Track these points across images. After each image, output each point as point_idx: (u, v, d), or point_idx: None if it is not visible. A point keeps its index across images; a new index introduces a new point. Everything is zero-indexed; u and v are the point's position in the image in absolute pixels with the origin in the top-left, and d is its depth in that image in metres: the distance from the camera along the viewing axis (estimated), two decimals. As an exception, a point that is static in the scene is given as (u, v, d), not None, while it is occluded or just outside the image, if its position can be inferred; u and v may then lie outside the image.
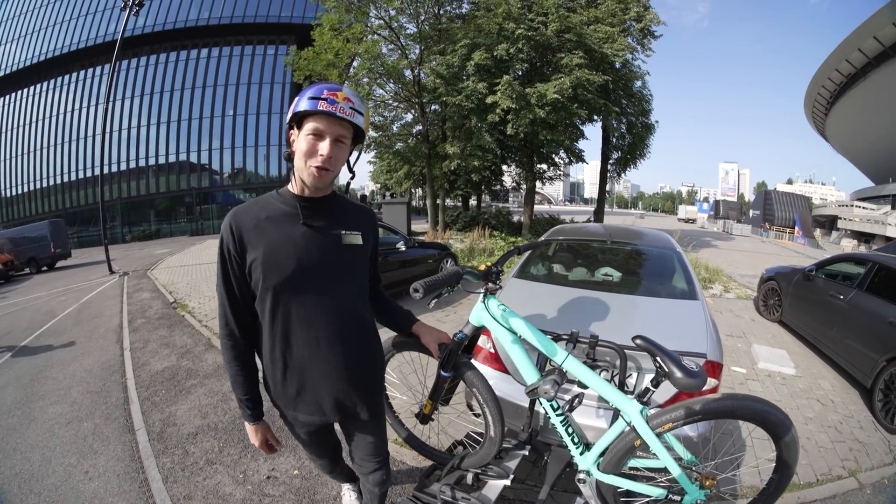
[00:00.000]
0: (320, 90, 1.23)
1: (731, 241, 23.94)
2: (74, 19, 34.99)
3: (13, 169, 37.12)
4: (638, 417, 1.52)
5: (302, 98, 1.24)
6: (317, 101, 1.21)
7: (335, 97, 1.23)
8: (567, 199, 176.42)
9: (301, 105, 1.23)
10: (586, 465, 1.72)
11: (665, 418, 1.49)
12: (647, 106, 15.64)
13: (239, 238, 1.28)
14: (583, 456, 1.73)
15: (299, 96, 1.26)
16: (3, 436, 3.53)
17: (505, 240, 12.91)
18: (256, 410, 1.44)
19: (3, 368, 5.20)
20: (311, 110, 1.22)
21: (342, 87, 1.27)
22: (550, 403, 1.75)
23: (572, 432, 1.76)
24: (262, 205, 1.35)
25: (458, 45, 12.49)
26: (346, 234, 1.40)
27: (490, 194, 28.12)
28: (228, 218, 1.32)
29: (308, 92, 1.24)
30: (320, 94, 1.22)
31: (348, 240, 1.40)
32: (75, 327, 6.75)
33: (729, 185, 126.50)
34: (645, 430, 1.50)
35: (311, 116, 1.24)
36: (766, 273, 6.45)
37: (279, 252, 1.29)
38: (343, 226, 1.41)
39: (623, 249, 3.76)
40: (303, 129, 1.25)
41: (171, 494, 2.55)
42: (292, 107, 1.27)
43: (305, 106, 1.22)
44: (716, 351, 2.16)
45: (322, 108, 1.21)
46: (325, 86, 1.25)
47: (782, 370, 4.22)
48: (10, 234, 18.25)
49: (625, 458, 1.61)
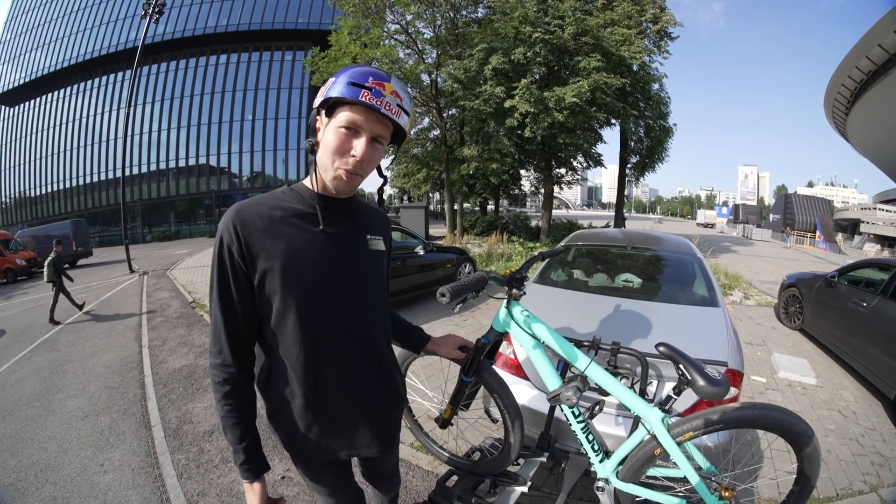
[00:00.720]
0: (364, 75, 0.98)
1: (750, 247, 23.46)
2: (97, 27, 36.26)
3: (38, 170, 38.50)
4: (659, 425, 1.49)
5: (339, 80, 0.99)
6: (358, 90, 0.97)
7: (382, 88, 0.99)
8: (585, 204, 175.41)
9: (336, 89, 0.98)
10: (605, 473, 1.69)
11: (686, 427, 1.46)
12: (664, 109, 15.49)
13: (245, 242, 1.00)
14: (602, 464, 1.71)
15: (335, 77, 1.01)
16: (22, 425, 3.62)
17: (523, 245, 12.83)
18: (258, 462, 1.07)
19: (23, 361, 5.36)
20: (349, 98, 0.97)
21: (390, 77, 1.03)
22: (571, 410, 1.73)
23: (592, 439, 1.73)
24: (273, 202, 1.08)
25: (476, 50, 12.52)
26: (371, 238, 1.19)
27: (508, 198, 28.07)
28: (230, 217, 1.02)
29: (347, 74, 0.99)
30: (363, 81, 0.97)
31: (374, 245, 1.20)
32: (95, 324, 6.92)
33: (748, 189, 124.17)
34: (666, 439, 1.47)
35: (347, 106, 0.98)
36: (787, 279, 6.29)
37: (302, 260, 1.04)
38: (366, 229, 1.19)
39: (643, 255, 3.72)
40: (334, 119, 1.00)
41: (186, 491, 2.57)
42: (325, 88, 1.01)
43: (343, 92, 0.97)
44: (737, 359, 2.12)
45: (364, 100, 0.97)
46: (371, 71, 1.00)
47: (803, 380, 4.11)
48: (34, 233, 18.87)
49: (644, 466, 1.58)
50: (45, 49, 38.13)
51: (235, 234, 1.00)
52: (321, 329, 1.07)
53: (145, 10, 13.88)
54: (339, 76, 1.00)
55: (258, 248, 1.01)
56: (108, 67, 35.97)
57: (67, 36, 37.25)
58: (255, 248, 1.01)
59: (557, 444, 2.06)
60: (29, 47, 39.19)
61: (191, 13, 34.75)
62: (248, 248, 1.01)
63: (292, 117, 35.59)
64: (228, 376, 1.04)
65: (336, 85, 0.98)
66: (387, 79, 1.01)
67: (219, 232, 1.03)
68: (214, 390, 1.05)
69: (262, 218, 1.03)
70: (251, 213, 1.04)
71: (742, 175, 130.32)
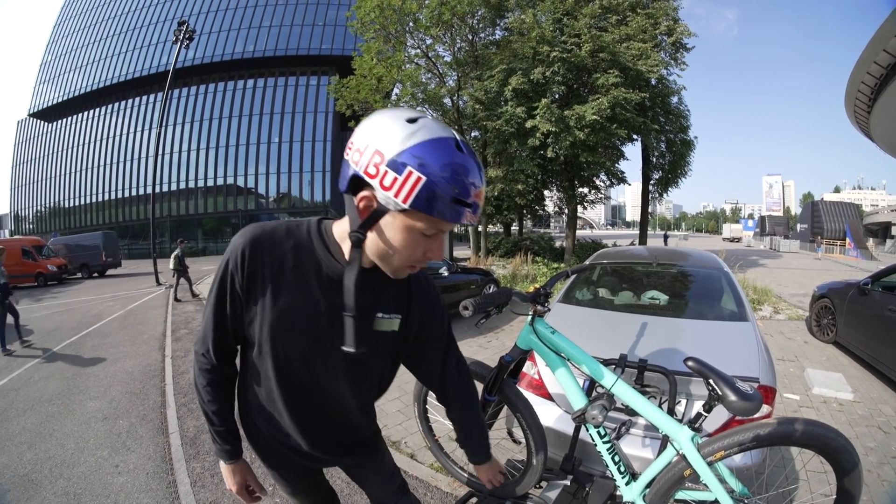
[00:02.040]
0: (466, 187, 0.80)
1: (779, 259, 22.75)
2: (131, 51, 38.56)
3: (72, 182, 40.74)
4: (689, 445, 1.43)
5: (438, 185, 0.78)
6: (461, 211, 0.81)
7: (479, 199, 0.84)
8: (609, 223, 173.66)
9: (442, 210, 0.79)
10: (632, 496, 1.62)
11: (717, 446, 1.38)
12: (684, 122, 15.33)
13: (250, 276, 0.93)
14: (629, 486, 1.64)
15: (430, 179, 0.77)
16: (41, 421, 3.73)
17: (547, 266, 12.75)
18: (235, 446, 1.12)
19: (48, 361, 5.56)
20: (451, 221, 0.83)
21: (482, 178, 0.85)
22: (597, 430, 1.68)
23: (619, 461, 1.67)
24: (297, 243, 0.96)
25: (495, 71, 12.67)
26: (381, 318, 1.02)
27: (532, 219, 28.03)
28: (244, 243, 0.93)
29: (447, 179, 0.78)
30: (466, 197, 0.80)
31: (382, 325, 1.03)
32: (120, 331, 7.09)
33: (774, 199, 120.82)
34: (696, 459, 1.40)
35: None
36: (818, 290, 6.03)
37: (297, 323, 0.96)
38: (381, 305, 1.03)
39: (669, 271, 3.67)
40: (409, 219, 0.83)
41: (198, 499, 2.57)
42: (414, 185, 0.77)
43: (450, 215, 0.80)
44: (769, 375, 2.06)
45: (465, 221, 0.83)
46: (473, 170, 0.82)
47: (839, 395, 3.90)
48: (66, 241, 19.74)
49: (673, 488, 1.51)
50: (82, 70, 40.68)
51: (241, 265, 0.92)
52: (292, 386, 1.02)
53: (176, 37, 14.64)
54: (428, 181, 0.77)
55: (258, 289, 0.94)
56: (141, 89, 38.04)
57: (103, 59, 39.65)
58: (255, 288, 0.94)
59: (581, 467, 2.00)
60: (67, 68, 41.87)
61: (219, 39, 36.59)
62: (249, 283, 0.94)
63: (317, 140, 36.74)
64: (212, 367, 1.05)
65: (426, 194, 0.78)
66: (480, 178, 0.84)
67: (230, 250, 0.95)
68: (198, 375, 1.06)
69: (275, 257, 0.94)
70: (268, 247, 0.94)
71: (766, 185, 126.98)
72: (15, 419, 3.77)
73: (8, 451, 3.20)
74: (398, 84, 14.51)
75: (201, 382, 1.06)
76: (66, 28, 44.08)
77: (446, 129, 0.83)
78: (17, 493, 2.68)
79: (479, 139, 15.16)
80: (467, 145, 0.84)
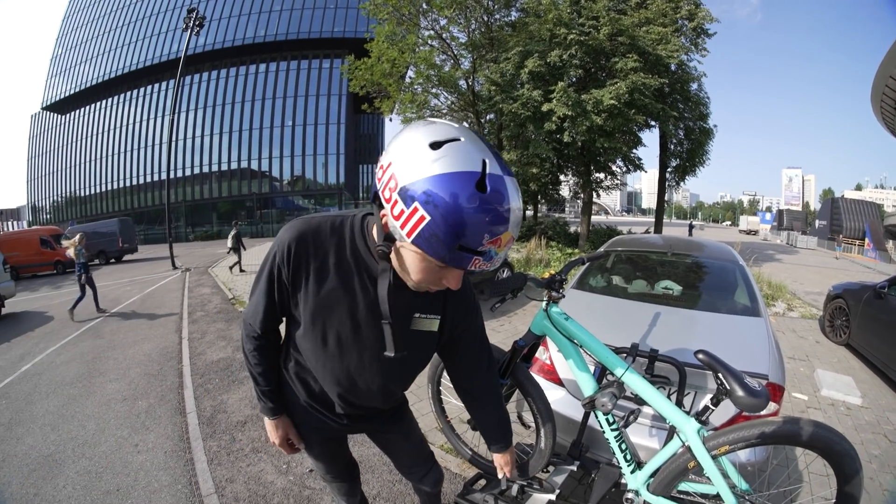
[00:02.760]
0: (477, 235, 0.74)
1: (795, 255, 22.27)
2: (142, 40, 38.76)
3: (87, 171, 41.36)
4: (695, 437, 1.43)
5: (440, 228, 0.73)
6: (466, 258, 0.76)
7: (496, 246, 0.77)
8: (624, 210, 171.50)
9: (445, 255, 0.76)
10: (636, 484, 1.64)
11: (722, 440, 1.39)
12: (704, 109, 14.91)
13: (295, 270, 0.99)
14: (633, 475, 1.66)
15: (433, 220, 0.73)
16: (64, 403, 3.84)
17: (562, 251, 12.66)
18: (278, 404, 1.25)
19: (69, 345, 5.69)
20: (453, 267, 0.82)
21: (509, 216, 0.77)
22: (606, 417, 1.70)
23: (625, 449, 1.69)
24: (340, 240, 1.00)
25: (511, 53, 12.43)
26: (419, 317, 1.07)
27: (547, 203, 27.79)
28: (292, 237, 0.98)
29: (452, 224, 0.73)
30: (476, 245, 0.75)
31: (420, 325, 1.08)
32: (138, 315, 7.23)
33: (793, 193, 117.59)
34: (701, 452, 1.41)
35: None
36: (833, 290, 5.85)
37: (336, 313, 1.01)
38: (419, 306, 1.06)
39: (683, 262, 3.64)
40: (406, 250, 0.85)
41: (214, 476, 2.62)
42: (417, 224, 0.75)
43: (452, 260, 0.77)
44: (778, 373, 2.05)
45: (473, 269, 0.79)
46: (490, 215, 0.74)
47: (847, 399, 3.81)
48: (83, 229, 20.02)
49: (677, 480, 1.53)
50: (92, 62, 41.08)
51: (287, 259, 0.99)
52: (329, 365, 1.10)
53: (186, 24, 14.60)
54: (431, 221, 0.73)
55: (303, 281, 1.01)
56: (153, 77, 38.29)
57: (113, 49, 39.96)
58: (300, 280, 1.01)
59: (589, 454, 2.01)
60: (77, 61, 42.31)
61: (230, 25, 36.56)
62: (294, 276, 1.01)
63: (331, 123, 36.88)
64: (258, 336, 1.16)
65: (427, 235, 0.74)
66: (504, 222, 0.76)
67: (277, 243, 1.01)
68: (245, 342, 1.18)
69: (319, 255, 0.99)
70: (313, 244, 0.99)
71: (786, 179, 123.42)
72: (39, 402, 3.87)
73: (33, 433, 3.29)
74: (412, 67, 14.32)
75: (249, 348, 1.18)
76: (74, 21, 44.42)
77: (474, 159, 0.74)
78: (42, 473, 2.76)
79: (494, 122, 14.96)
80: (499, 179, 0.75)
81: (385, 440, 1.49)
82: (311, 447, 1.36)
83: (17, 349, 5.67)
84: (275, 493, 2.43)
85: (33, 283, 13.17)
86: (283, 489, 2.45)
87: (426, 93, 14.98)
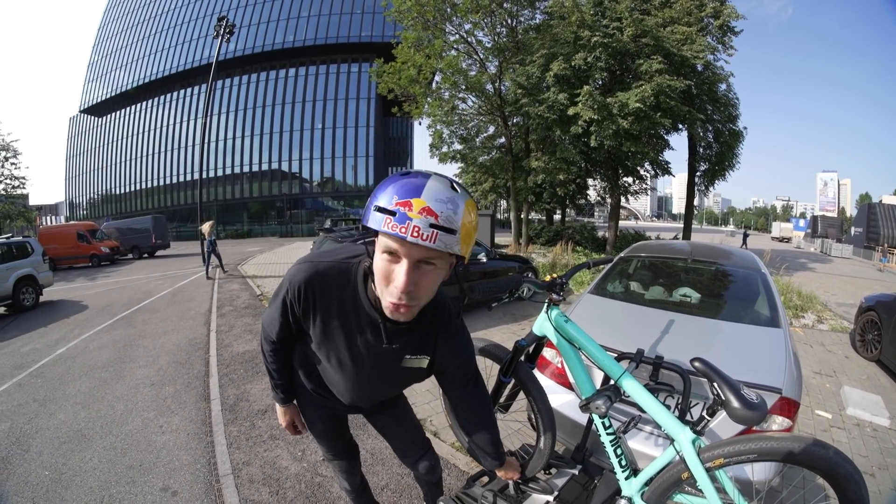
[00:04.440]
0: (390, 195, 0.88)
1: (829, 264, 21.24)
2: (174, 46, 40.29)
3: (122, 171, 43.23)
4: (689, 447, 1.39)
5: (374, 198, 0.91)
6: (382, 217, 0.87)
7: (408, 209, 0.86)
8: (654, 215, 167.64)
9: (369, 217, 0.89)
10: (630, 491, 1.62)
11: (716, 452, 1.33)
12: (733, 111, 14.44)
13: (304, 308, 1.15)
14: (628, 481, 1.64)
15: (376, 190, 0.92)
16: (95, 385, 4.07)
17: (588, 256, 12.55)
18: (288, 394, 1.49)
19: (102, 333, 5.97)
20: (372, 228, 0.90)
21: (422, 190, 0.88)
22: (602, 421, 1.68)
23: (621, 454, 1.67)
24: (343, 287, 1.13)
25: (536, 56, 12.41)
26: (409, 358, 1.23)
27: (575, 208, 27.55)
28: (302, 280, 1.12)
29: (380, 191, 0.90)
30: (388, 204, 0.87)
31: (411, 363, 1.24)
32: (169, 307, 7.51)
33: (828, 199, 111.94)
34: (694, 462, 1.36)
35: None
36: (866, 302, 5.46)
37: (338, 345, 1.19)
38: (411, 348, 1.22)
39: (705, 269, 3.55)
40: (378, 241, 0.94)
41: (232, 459, 2.76)
42: (368, 203, 0.93)
43: (368, 220, 0.89)
44: (794, 388, 1.96)
45: (387, 229, 0.86)
46: (399, 184, 0.89)
47: (874, 419, 3.55)
48: (118, 225, 21.03)
49: (670, 490, 1.48)
50: (127, 68, 42.92)
51: (297, 299, 1.14)
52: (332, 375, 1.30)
53: (217, 31, 15.06)
54: (377, 192, 0.91)
55: (310, 316, 1.17)
56: (185, 82, 39.69)
57: (147, 56, 41.67)
58: (308, 315, 1.17)
59: (593, 459, 2.00)
60: (113, 67, 44.28)
61: (259, 31, 37.57)
62: (304, 312, 1.16)
63: (360, 126, 37.45)
64: (273, 341, 1.33)
65: (370, 209, 0.90)
66: (416, 193, 0.87)
67: (287, 282, 1.16)
68: (263, 343, 1.38)
69: (324, 298, 1.14)
70: (319, 289, 1.14)
71: (821, 183, 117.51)
72: (72, 383, 4.11)
73: (65, 410, 3.51)
74: (439, 72, 14.44)
75: (266, 349, 1.37)
76: (110, 30, 46.51)
77: (421, 178, 0.92)
78: (71, 446, 2.96)
79: (521, 125, 14.95)
80: (429, 175, 0.92)
81: (381, 423, 1.65)
82: (314, 426, 1.56)
83: (53, 334, 6.00)
84: (287, 478, 2.53)
85: (70, 274, 13.83)
86: (297, 475, 2.55)
87: (454, 97, 15.08)
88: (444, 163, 17.00)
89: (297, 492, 2.41)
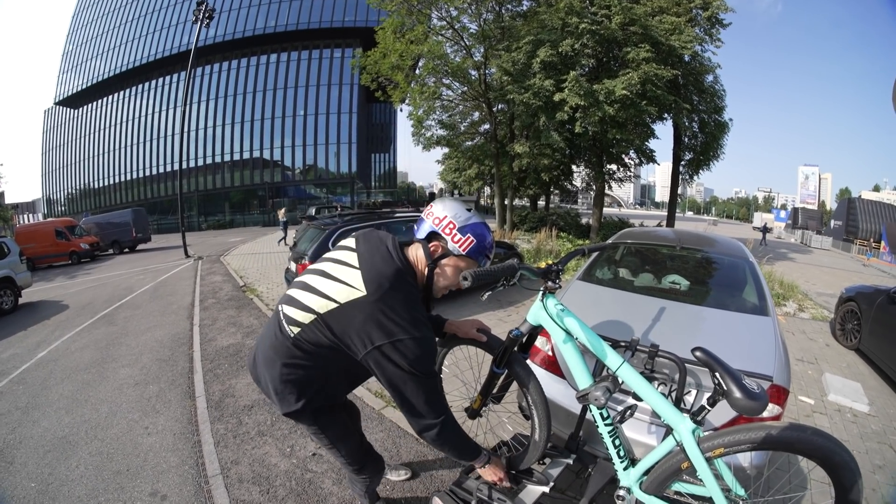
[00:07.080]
0: (490, 249, 1.56)
1: (809, 255, 21.84)
2: (151, 34, 38.91)
3: (100, 164, 41.82)
4: (689, 437, 1.39)
5: (476, 247, 1.49)
6: (486, 261, 1.56)
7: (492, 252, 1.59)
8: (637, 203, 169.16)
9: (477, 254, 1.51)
10: (628, 481, 1.61)
11: (717, 442, 1.34)
12: (719, 102, 14.60)
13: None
14: (626, 472, 1.63)
15: (478, 242, 1.49)
16: (78, 388, 3.94)
17: (572, 242, 12.62)
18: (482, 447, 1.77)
19: (84, 332, 5.79)
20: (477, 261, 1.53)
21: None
22: (600, 412, 1.66)
23: (619, 445, 1.66)
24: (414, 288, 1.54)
25: (522, 42, 12.31)
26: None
27: (560, 192, 27.63)
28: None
29: (485, 245, 1.52)
30: (490, 253, 1.57)
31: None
32: (151, 302, 7.34)
33: (809, 192, 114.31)
34: (694, 452, 1.37)
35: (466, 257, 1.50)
36: (846, 292, 5.65)
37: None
38: None
39: (693, 256, 3.58)
40: (453, 261, 1.50)
41: (221, 458, 2.70)
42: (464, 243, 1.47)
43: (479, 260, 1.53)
44: (783, 375, 1.99)
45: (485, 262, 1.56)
46: (490, 243, 1.55)
47: (854, 406, 3.71)
48: (97, 220, 20.46)
49: (669, 479, 1.49)
50: (103, 57, 41.38)
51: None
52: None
53: (196, 17, 14.57)
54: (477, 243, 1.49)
55: None
56: (164, 70, 38.43)
57: (123, 44, 40.20)
58: None
59: (586, 447, 1.99)
60: (88, 56, 42.67)
61: (239, 16, 36.53)
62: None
63: (343, 112, 36.90)
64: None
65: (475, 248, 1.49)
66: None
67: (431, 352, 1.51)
68: (447, 418, 1.55)
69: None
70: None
71: (802, 176, 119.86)
72: (54, 387, 3.97)
73: (49, 417, 3.39)
74: (421, 59, 14.24)
75: (451, 419, 1.57)
76: (85, 17, 44.64)
77: (478, 216, 1.54)
78: (56, 454, 2.86)
79: (506, 112, 14.86)
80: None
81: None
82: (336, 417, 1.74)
83: (34, 337, 5.80)
84: (277, 475, 2.48)
85: (49, 274, 13.39)
86: (286, 471, 2.51)
87: (438, 84, 14.90)
88: (428, 150, 16.85)
89: (288, 489, 2.37)
